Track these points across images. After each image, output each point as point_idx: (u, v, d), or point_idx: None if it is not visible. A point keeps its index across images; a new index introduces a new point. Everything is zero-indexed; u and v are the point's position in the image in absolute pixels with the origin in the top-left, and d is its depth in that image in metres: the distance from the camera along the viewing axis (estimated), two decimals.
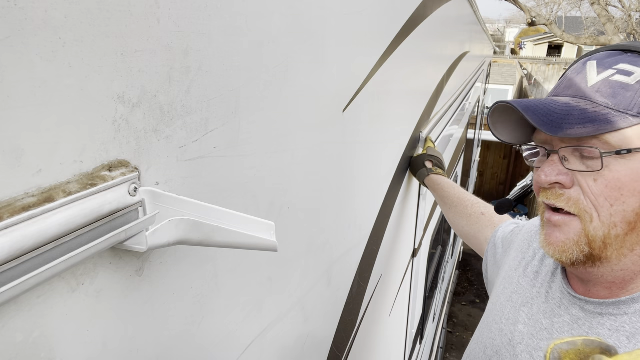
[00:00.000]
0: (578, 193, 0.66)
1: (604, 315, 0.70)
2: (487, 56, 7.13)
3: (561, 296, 0.77)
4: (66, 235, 0.33)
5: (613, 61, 0.68)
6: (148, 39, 0.39)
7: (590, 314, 0.71)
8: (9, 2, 0.28)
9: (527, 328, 0.79)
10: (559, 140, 0.67)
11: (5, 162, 0.30)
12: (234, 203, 0.55)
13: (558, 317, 0.75)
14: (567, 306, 0.75)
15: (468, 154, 5.34)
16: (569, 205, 0.66)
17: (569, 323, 0.73)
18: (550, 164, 0.67)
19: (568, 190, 0.66)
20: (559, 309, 0.76)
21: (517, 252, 0.93)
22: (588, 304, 0.72)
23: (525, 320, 0.80)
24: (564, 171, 0.66)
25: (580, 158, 0.66)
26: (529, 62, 21.20)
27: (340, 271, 1.01)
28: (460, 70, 2.98)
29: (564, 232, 0.67)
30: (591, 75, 0.67)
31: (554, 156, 0.68)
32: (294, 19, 0.63)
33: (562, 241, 0.67)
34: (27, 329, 0.33)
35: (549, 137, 0.68)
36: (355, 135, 0.97)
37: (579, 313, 0.73)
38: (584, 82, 0.68)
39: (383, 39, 1.09)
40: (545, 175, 0.67)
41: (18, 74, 0.29)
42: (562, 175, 0.66)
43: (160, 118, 0.42)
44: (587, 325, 0.71)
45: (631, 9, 13.04)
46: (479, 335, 0.90)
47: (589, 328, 0.71)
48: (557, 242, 0.68)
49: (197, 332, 0.53)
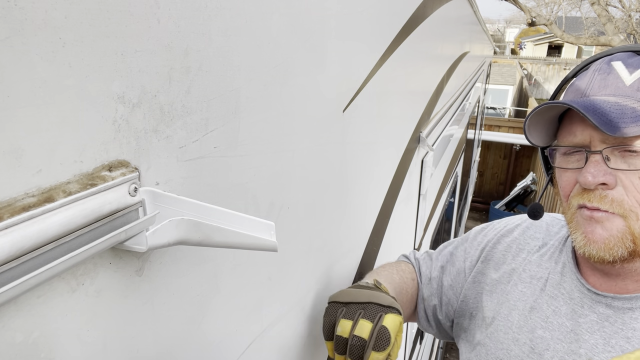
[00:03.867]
0: (621, 193, 0.65)
1: (636, 309, 0.69)
2: (487, 56, 7.14)
3: (581, 295, 0.76)
4: (66, 235, 0.33)
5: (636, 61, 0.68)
6: (148, 39, 0.39)
7: (619, 310, 0.71)
8: (9, 2, 0.28)
9: (548, 333, 0.77)
10: (600, 141, 0.66)
11: (5, 162, 0.30)
12: (234, 203, 0.55)
13: (583, 317, 0.74)
14: (590, 305, 0.74)
15: (468, 154, 5.35)
16: (613, 206, 0.65)
17: (597, 321, 0.72)
18: (595, 164, 0.66)
19: (611, 192, 0.66)
20: (581, 308, 0.75)
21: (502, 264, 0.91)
22: (616, 300, 0.71)
23: (543, 325, 0.78)
24: (609, 171, 0.66)
25: (621, 157, 0.65)
26: (529, 62, 21.22)
27: (341, 271, 1.01)
28: (460, 71, 2.98)
29: (607, 228, 0.66)
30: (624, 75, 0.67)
31: (596, 156, 0.66)
32: (294, 19, 0.63)
33: (607, 237, 0.66)
34: (27, 329, 0.33)
35: (588, 138, 0.67)
36: (355, 135, 0.97)
37: (607, 310, 0.72)
38: (620, 82, 0.67)
39: (383, 39, 1.09)
40: (592, 177, 0.65)
41: (18, 74, 0.29)
42: (607, 175, 0.65)
43: (160, 118, 0.42)
44: (619, 321, 0.71)
45: (631, 9, 13.04)
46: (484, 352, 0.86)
47: (622, 324, 0.70)
48: (601, 240, 0.67)
49: (197, 332, 0.53)
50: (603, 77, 0.70)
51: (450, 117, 2.59)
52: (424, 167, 1.84)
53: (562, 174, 0.73)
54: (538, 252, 0.87)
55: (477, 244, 0.98)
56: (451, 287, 0.98)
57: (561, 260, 0.82)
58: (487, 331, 0.87)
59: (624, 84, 0.67)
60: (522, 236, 0.92)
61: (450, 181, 3.36)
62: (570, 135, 0.71)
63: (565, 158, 0.73)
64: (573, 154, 0.71)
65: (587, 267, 0.78)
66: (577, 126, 0.70)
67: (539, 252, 0.87)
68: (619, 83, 0.67)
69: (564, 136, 0.72)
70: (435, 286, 1.01)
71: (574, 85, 0.75)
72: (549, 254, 0.85)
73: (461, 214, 5.76)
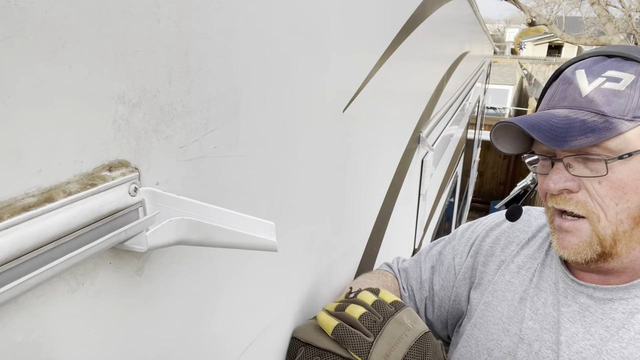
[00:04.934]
0: (585, 196, 0.69)
1: (615, 300, 0.73)
2: (487, 56, 7.13)
3: (565, 286, 0.78)
4: (66, 235, 0.33)
5: (600, 68, 0.70)
6: (148, 39, 0.39)
7: (599, 300, 0.74)
8: (9, 2, 0.28)
9: (538, 324, 0.80)
10: (562, 150, 0.69)
11: (5, 162, 0.30)
12: (234, 203, 0.55)
13: (566, 307, 0.77)
14: (573, 295, 0.77)
15: (468, 154, 5.35)
16: (577, 207, 0.70)
17: (578, 311, 0.75)
18: (557, 171, 0.70)
19: (575, 194, 0.70)
20: (565, 298, 0.78)
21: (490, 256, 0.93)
22: (597, 291, 0.74)
23: (532, 315, 0.81)
24: (570, 177, 0.70)
25: (583, 163, 0.69)
26: (529, 62, 21.21)
27: (341, 271, 1.01)
28: (460, 70, 2.98)
29: (576, 235, 0.71)
30: (583, 85, 0.70)
31: (559, 164, 0.70)
32: (294, 19, 0.63)
33: (576, 244, 0.71)
34: (27, 329, 0.33)
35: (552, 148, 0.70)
36: (355, 135, 0.97)
37: (587, 301, 0.75)
38: (577, 93, 0.70)
39: (383, 39, 1.09)
40: (553, 183, 0.70)
41: (18, 74, 0.29)
42: (569, 181, 0.70)
43: (160, 118, 0.42)
44: (599, 312, 0.74)
45: (631, 9, 13.04)
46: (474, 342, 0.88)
47: (601, 314, 0.73)
48: (570, 246, 0.72)
49: (197, 332, 0.53)
50: (564, 88, 0.73)
51: (450, 117, 2.59)
52: (424, 167, 1.84)
53: (540, 178, 0.78)
54: (527, 244, 0.90)
55: (465, 240, 0.99)
56: (443, 287, 0.99)
57: (550, 252, 0.85)
58: (477, 322, 0.89)
59: (580, 95, 0.70)
60: (510, 229, 0.94)
61: (450, 181, 3.37)
62: (538, 144, 0.75)
63: (541, 163, 0.77)
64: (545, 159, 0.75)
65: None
66: None
67: (528, 245, 0.90)
68: (576, 94, 0.70)
69: (535, 144, 0.77)
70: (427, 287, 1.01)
71: (544, 95, 0.79)
72: (537, 245, 0.88)
73: (461, 214, 5.76)
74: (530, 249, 0.88)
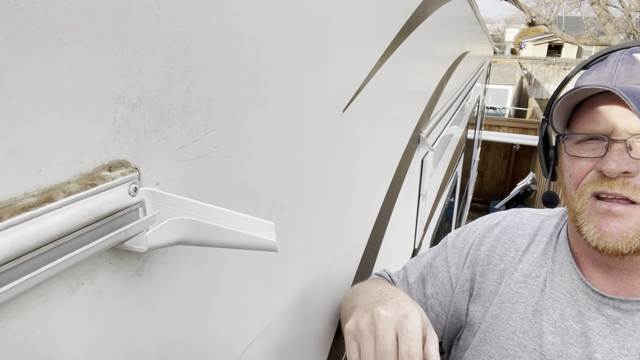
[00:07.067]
0: None
1: None
2: (487, 56, 7.14)
3: (586, 297, 0.75)
4: (66, 236, 0.33)
5: None
6: (148, 39, 0.39)
7: (627, 312, 0.71)
8: (9, 2, 0.28)
9: (559, 338, 0.75)
10: (624, 130, 0.66)
11: (5, 162, 0.30)
12: (234, 203, 0.55)
13: (592, 320, 0.73)
14: (597, 307, 0.73)
15: (468, 154, 5.35)
16: (635, 193, 0.66)
17: (607, 324, 0.72)
18: (619, 153, 0.66)
19: (633, 179, 0.66)
20: (588, 311, 0.74)
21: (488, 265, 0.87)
22: (624, 303, 0.71)
23: (551, 329, 0.76)
24: (631, 160, 0.66)
25: None
26: (529, 62, 21.22)
27: (341, 271, 1.01)
28: (460, 70, 2.98)
29: (625, 221, 0.67)
30: None
31: (619, 145, 0.67)
32: (293, 19, 0.63)
33: (624, 230, 0.66)
34: (27, 329, 0.33)
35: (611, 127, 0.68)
36: (355, 135, 0.97)
37: (615, 313, 0.72)
38: None
39: (383, 39, 1.09)
40: (617, 165, 0.65)
41: (18, 74, 0.29)
42: (631, 163, 0.66)
43: (160, 118, 0.42)
44: (630, 323, 0.70)
45: (631, 9, 13.04)
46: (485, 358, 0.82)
47: (633, 326, 0.70)
48: (617, 232, 0.67)
49: (197, 332, 0.53)
50: (628, 67, 0.69)
51: (450, 117, 2.59)
52: (424, 167, 1.84)
53: (574, 163, 0.72)
54: (527, 250, 0.84)
55: (458, 249, 0.92)
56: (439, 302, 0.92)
57: (557, 258, 0.80)
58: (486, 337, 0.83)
59: None
60: (504, 234, 0.88)
61: (450, 181, 3.37)
62: (592, 123, 0.70)
63: (578, 146, 0.72)
64: (588, 142, 0.71)
65: (588, 263, 0.76)
66: (600, 114, 0.69)
67: (529, 250, 0.84)
68: None
69: (583, 124, 0.72)
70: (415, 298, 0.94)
71: (592, 75, 0.74)
72: (540, 251, 0.83)
73: (461, 214, 5.76)
74: (533, 255, 0.83)
